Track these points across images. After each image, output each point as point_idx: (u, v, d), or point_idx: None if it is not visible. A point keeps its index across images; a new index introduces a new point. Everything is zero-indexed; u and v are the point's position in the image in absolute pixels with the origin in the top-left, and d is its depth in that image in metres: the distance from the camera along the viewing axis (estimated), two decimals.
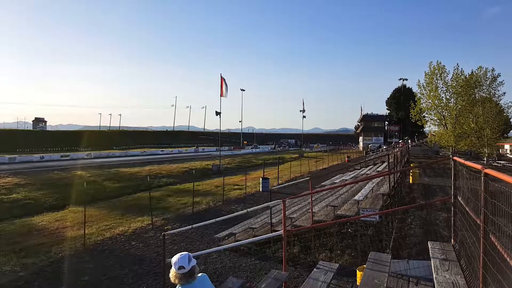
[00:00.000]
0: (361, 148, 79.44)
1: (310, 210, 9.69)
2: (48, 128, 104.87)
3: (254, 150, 76.32)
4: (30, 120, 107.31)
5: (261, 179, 19.94)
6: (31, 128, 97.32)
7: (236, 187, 20.95)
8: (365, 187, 11.59)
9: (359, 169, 22.69)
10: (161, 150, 67.70)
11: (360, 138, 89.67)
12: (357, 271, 5.55)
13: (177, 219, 13.30)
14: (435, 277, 3.37)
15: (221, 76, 32.55)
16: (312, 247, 8.29)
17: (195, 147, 76.88)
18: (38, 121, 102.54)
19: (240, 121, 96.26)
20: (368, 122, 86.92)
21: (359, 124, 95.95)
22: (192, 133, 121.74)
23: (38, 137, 76.60)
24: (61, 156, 49.52)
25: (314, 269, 4.84)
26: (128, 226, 12.13)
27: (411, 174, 20.02)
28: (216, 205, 15.80)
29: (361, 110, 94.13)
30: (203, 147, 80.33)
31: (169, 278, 2.56)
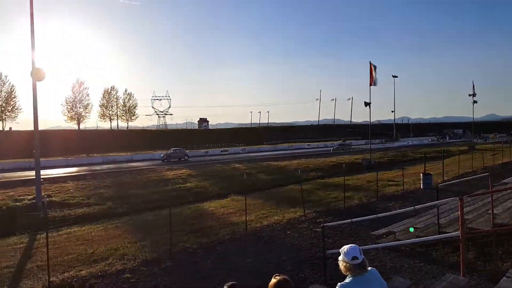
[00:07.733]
0: None
1: (489, 212, 8.41)
2: (210, 127, 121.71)
3: (410, 143, 69.43)
4: (195, 120, 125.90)
5: (421, 174, 17.71)
6: (196, 127, 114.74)
7: (391, 183, 19.27)
8: None
9: None
10: (307, 144, 69.31)
11: None
12: None
13: (328, 212, 13.11)
14: None
15: (370, 64, 30.69)
16: (493, 254, 6.87)
17: (341, 141, 75.52)
18: (202, 121, 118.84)
19: (392, 111, 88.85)
20: None
21: None
22: (338, 126, 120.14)
23: (202, 134, 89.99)
24: (221, 151, 56.65)
25: (504, 277, 4.20)
26: (282, 216, 12.64)
27: None
28: (369, 201, 14.85)
29: None
30: (350, 141, 78.05)
31: (340, 269, 2.66)
